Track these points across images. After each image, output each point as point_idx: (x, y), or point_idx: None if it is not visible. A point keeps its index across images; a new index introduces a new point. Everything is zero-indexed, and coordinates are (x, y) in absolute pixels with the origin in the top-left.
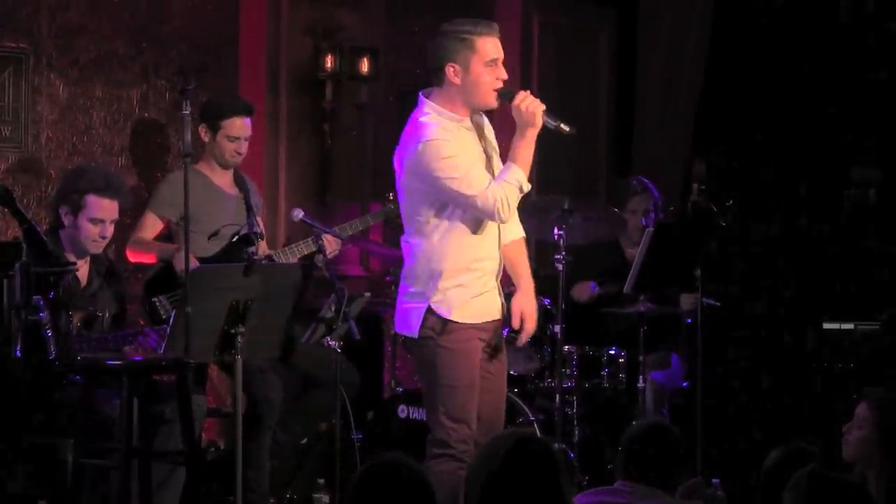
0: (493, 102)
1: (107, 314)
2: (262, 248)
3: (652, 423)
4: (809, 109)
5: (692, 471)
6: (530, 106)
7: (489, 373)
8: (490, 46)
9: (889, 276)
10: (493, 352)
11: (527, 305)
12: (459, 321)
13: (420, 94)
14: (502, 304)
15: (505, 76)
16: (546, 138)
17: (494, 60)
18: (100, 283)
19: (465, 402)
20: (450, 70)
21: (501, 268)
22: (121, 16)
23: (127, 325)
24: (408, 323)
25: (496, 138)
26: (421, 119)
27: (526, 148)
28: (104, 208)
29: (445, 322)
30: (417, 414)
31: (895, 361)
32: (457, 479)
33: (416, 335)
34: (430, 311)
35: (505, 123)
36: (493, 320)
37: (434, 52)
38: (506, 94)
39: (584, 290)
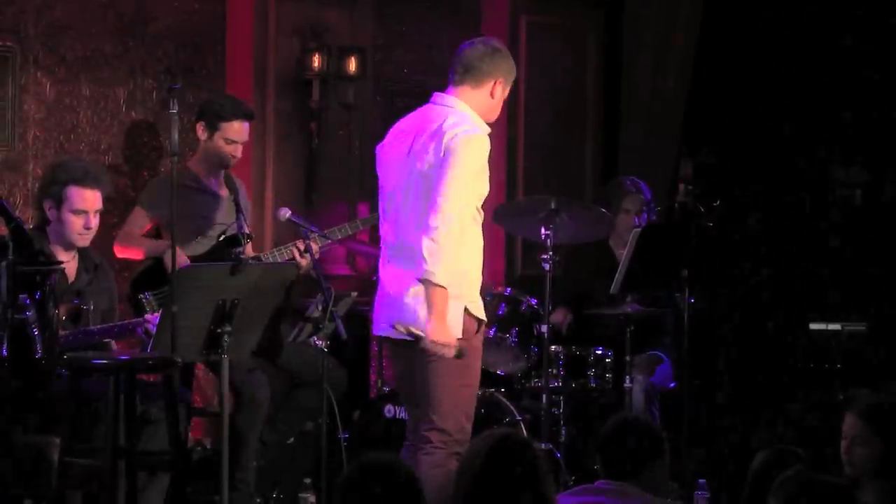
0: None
1: (92, 307)
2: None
3: (621, 418)
4: (797, 110)
5: (674, 467)
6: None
7: None
8: (510, 85)
9: (875, 276)
10: None
11: None
12: (484, 320)
13: (436, 94)
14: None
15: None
16: (533, 139)
17: (505, 99)
18: (88, 278)
19: (475, 401)
20: (496, 85)
21: None
22: (107, 15)
23: (115, 320)
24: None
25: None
26: (465, 113)
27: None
28: (86, 199)
29: (478, 323)
30: (404, 413)
31: (881, 362)
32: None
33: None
34: (467, 311)
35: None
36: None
37: (490, 63)
38: None
39: (560, 314)
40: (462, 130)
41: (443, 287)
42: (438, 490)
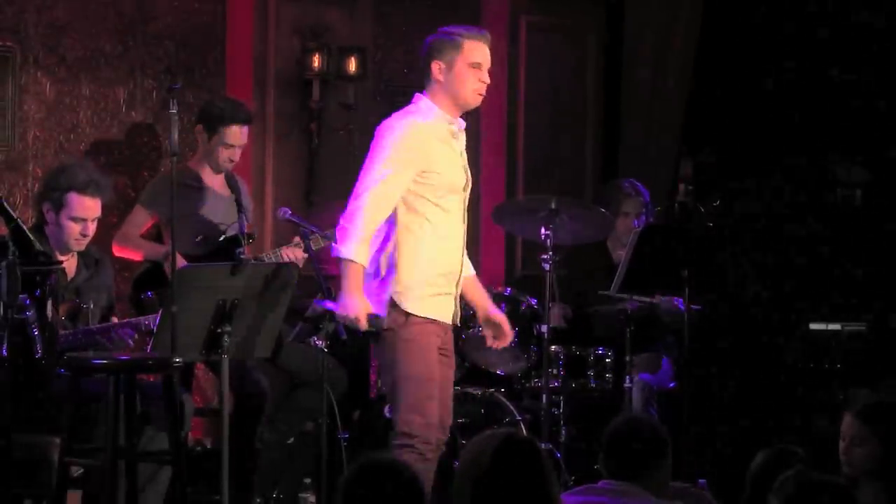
0: (472, 101)
1: (91, 305)
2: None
3: (626, 418)
4: (797, 110)
5: (676, 467)
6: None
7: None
8: (476, 50)
9: (875, 276)
10: (442, 352)
11: (499, 312)
12: (418, 315)
13: (416, 93)
14: (457, 312)
15: (487, 81)
16: (533, 139)
17: (478, 64)
18: (87, 275)
19: (425, 393)
20: (435, 67)
21: (461, 276)
22: (108, 14)
23: (114, 315)
24: (381, 308)
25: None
26: (409, 107)
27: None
28: (86, 207)
29: (406, 315)
30: None
31: (881, 362)
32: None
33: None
34: (392, 302)
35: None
36: (447, 324)
37: (424, 53)
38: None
39: (555, 317)
40: (381, 128)
41: (349, 260)
42: None
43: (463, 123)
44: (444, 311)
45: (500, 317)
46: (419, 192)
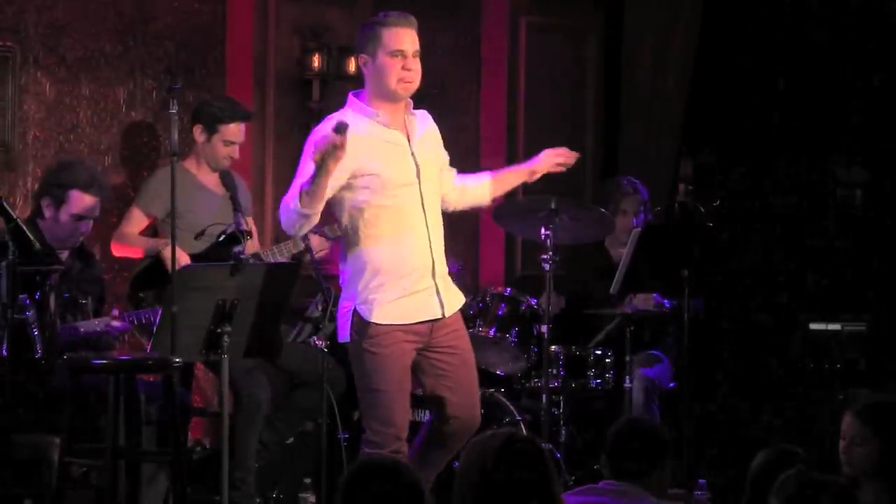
0: (400, 90)
1: (89, 301)
2: (252, 245)
3: (628, 419)
4: (798, 110)
5: (677, 468)
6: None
7: (443, 371)
8: (396, 37)
9: (875, 276)
10: (441, 349)
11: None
12: (382, 323)
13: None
14: (442, 303)
15: (412, 68)
16: (533, 138)
17: (400, 51)
18: (80, 267)
19: (392, 405)
20: (360, 61)
21: (437, 265)
22: (108, 14)
23: (106, 309)
24: (342, 329)
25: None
26: (337, 113)
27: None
28: (86, 205)
29: (368, 324)
30: None
31: (881, 362)
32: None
33: (347, 340)
34: (355, 313)
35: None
36: (428, 321)
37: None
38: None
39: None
40: None
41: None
42: None
43: (410, 104)
44: (417, 312)
45: (535, 163)
46: (359, 197)
